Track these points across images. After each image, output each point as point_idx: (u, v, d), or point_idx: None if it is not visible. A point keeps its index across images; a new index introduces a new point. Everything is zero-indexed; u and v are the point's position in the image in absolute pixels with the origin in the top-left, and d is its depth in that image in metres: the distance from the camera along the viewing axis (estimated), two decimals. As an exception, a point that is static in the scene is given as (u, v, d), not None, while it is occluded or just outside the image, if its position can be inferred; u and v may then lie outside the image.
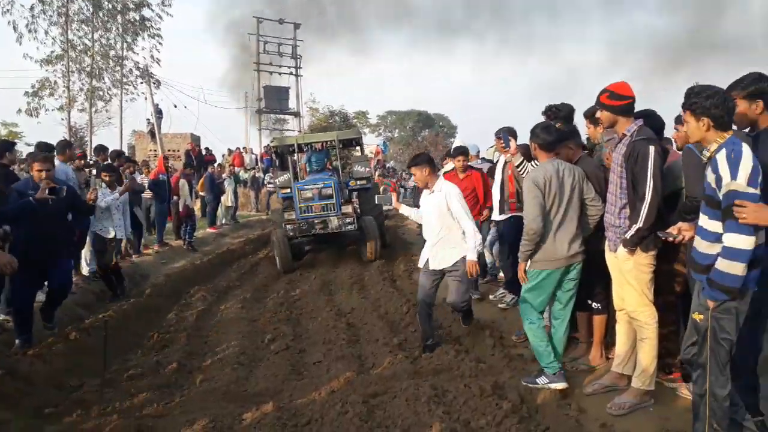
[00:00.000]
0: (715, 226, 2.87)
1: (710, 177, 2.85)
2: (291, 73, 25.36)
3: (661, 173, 3.60)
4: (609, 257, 3.88)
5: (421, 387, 4.05)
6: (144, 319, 7.03)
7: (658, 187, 3.53)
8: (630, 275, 3.70)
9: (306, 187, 10.25)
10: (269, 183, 12.50)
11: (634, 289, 3.70)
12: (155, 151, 26.77)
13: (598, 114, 3.96)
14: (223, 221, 16.57)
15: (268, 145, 11.03)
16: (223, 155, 24.68)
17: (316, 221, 10.04)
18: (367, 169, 11.52)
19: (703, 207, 2.98)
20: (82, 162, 8.85)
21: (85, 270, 8.28)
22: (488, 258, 7.67)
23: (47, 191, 5.27)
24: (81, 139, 25.64)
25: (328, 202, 10.10)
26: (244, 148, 25.66)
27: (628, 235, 3.62)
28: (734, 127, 3.05)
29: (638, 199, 3.58)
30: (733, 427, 3.03)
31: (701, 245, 2.97)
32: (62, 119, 22.50)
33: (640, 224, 3.55)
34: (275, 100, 24.54)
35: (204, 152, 22.84)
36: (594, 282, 4.31)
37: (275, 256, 10.35)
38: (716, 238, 2.86)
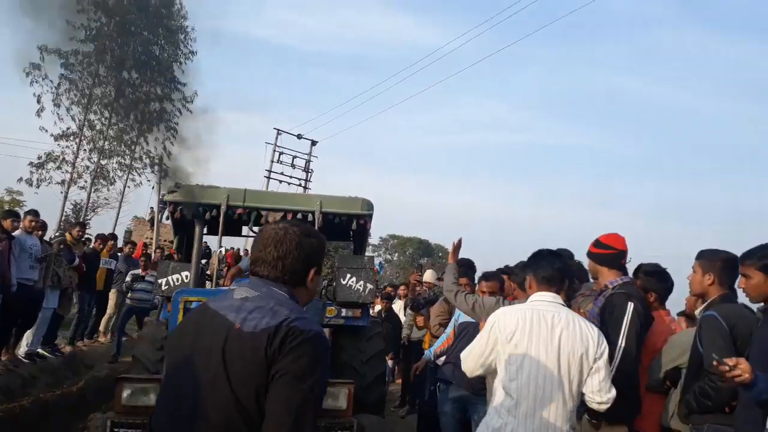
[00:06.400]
0: None
1: None
2: (300, 185, 25.56)
3: (637, 336, 3.01)
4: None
5: None
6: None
7: (630, 349, 2.95)
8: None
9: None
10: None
11: None
12: (151, 239, 26.57)
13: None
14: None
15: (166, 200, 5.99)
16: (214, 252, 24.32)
17: None
18: (369, 286, 5.63)
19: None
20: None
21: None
22: None
23: None
24: (78, 215, 25.50)
25: None
26: (239, 249, 25.37)
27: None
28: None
29: None
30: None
31: None
32: (61, 192, 22.40)
33: (612, 392, 2.68)
34: (282, 208, 24.62)
35: (205, 248, 22.26)
36: None
37: None
38: None
